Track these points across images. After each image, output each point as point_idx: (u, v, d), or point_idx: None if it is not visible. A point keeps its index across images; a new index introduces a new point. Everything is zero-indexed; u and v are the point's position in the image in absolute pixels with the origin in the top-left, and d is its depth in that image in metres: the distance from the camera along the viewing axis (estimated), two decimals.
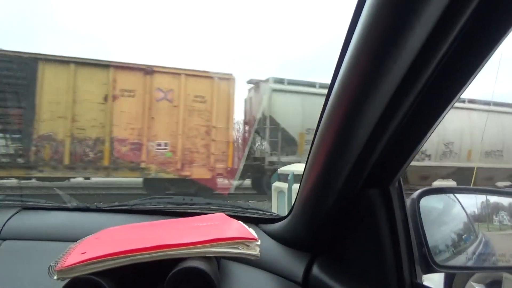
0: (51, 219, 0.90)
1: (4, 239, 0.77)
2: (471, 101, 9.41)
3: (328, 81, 0.52)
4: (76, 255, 0.56)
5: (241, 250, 0.59)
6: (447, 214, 0.77)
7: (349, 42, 0.43)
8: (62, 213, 0.95)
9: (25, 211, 0.91)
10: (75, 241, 0.67)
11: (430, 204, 0.67)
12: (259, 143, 9.42)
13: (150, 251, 0.55)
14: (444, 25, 0.35)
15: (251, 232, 0.65)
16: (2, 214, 0.86)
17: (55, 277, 0.53)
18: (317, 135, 0.57)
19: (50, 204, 0.99)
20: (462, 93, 0.42)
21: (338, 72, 0.47)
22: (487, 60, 0.38)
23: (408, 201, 0.61)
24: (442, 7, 0.33)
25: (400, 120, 0.46)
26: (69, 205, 1.00)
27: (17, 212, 0.88)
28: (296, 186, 3.44)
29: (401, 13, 0.35)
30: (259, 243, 0.61)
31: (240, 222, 0.73)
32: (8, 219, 0.84)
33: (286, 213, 0.78)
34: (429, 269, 0.58)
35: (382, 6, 0.36)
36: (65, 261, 0.55)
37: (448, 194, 0.77)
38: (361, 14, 0.39)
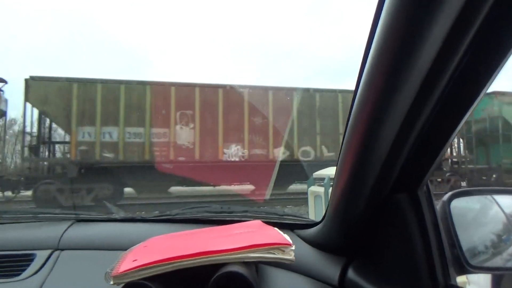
0: (102, 230, 0.96)
1: (62, 249, 0.84)
2: None
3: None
4: (128, 262, 0.62)
5: (276, 255, 0.62)
6: (484, 215, 0.75)
7: (371, 45, 0.43)
8: (111, 224, 1.01)
9: (78, 223, 0.98)
10: (125, 249, 0.73)
11: (464, 206, 0.67)
12: None
13: (194, 258, 0.60)
14: (462, 24, 0.35)
15: (286, 237, 0.68)
16: (58, 226, 0.93)
17: (111, 282, 0.59)
18: (344, 140, 0.58)
19: (100, 216, 1.07)
20: (487, 88, 0.42)
21: (362, 74, 0.47)
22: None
23: (438, 204, 0.62)
24: (458, 10, 0.34)
25: (423, 122, 0.46)
26: (117, 216, 1.08)
27: (72, 225, 0.95)
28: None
29: (419, 14, 0.36)
30: (293, 248, 0.64)
31: (275, 228, 0.76)
32: (65, 231, 0.90)
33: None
34: (463, 271, 0.59)
35: (401, 8, 0.37)
36: (119, 267, 0.61)
37: (485, 196, 0.76)
38: (380, 16, 0.40)
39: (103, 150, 7.53)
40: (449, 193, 0.65)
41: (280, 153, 8.47)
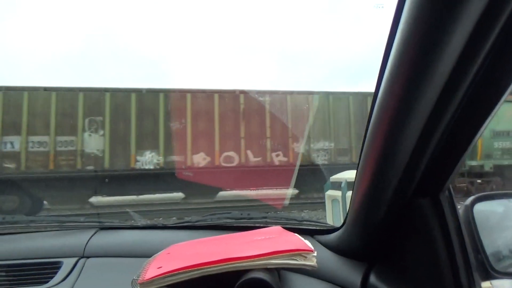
0: (125, 237, 0.98)
1: (88, 257, 0.86)
2: None
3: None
4: (154, 269, 0.63)
5: (299, 261, 0.63)
6: (508, 219, 0.73)
7: (391, 46, 0.42)
8: (134, 232, 1.03)
9: (102, 231, 1.00)
10: (148, 256, 0.74)
11: (487, 209, 0.65)
12: None
13: (218, 264, 0.61)
14: (483, 26, 0.34)
15: (308, 243, 0.68)
16: (83, 234, 0.95)
17: None
18: (364, 144, 0.57)
19: (123, 224, 1.08)
20: (509, 90, 0.40)
21: (382, 78, 0.46)
22: None
23: (461, 208, 0.60)
24: (479, 13, 0.33)
25: (445, 126, 0.45)
26: (139, 223, 1.09)
27: (96, 232, 0.97)
28: (349, 194, 3.33)
29: (440, 19, 0.35)
30: (315, 254, 0.65)
31: (296, 234, 0.77)
32: (89, 239, 0.92)
33: (342, 221, 0.80)
34: (488, 276, 0.58)
35: (421, 12, 0.36)
36: (145, 274, 0.62)
37: (509, 199, 0.73)
38: (400, 20, 0.39)
39: (4, 160, 7.20)
40: (472, 197, 0.63)
41: (200, 159, 8.00)
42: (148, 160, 7.76)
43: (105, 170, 7.51)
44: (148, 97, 7.92)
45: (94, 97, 7.66)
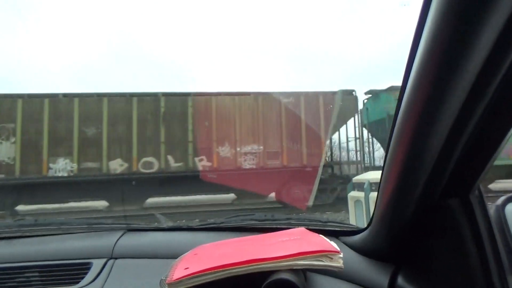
0: (152, 239, 1.00)
1: (116, 258, 0.87)
2: None
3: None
4: (181, 269, 0.65)
5: (325, 263, 0.63)
6: None
7: (419, 40, 0.42)
8: (160, 233, 1.05)
9: (130, 233, 1.02)
10: (174, 257, 0.75)
11: None
12: None
13: (244, 265, 0.62)
14: None
15: (334, 245, 0.68)
16: (111, 236, 0.98)
17: None
18: (391, 144, 0.56)
19: (149, 226, 1.11)
20: None
21: (409, 76, 0.46)
22: None
23: (492, 208, 0.58)
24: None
25: (475, 123, 0.44)
26: (165, 225, 1.11)
27: (123, 234, 0.99)
28: (373, 195, 3.29)
29: (471, 14, 0.34)
30: (342, 255, 0.64)
31: (321, 235, 0.76)
32: (117, 240, 0.94)
33: (365, 222, 0.78)
34: None
35: (451, 8, 0.35)
36: (173, 275, 0.64)
37: None
38: (429, 11, 0.38)
39: None
40: (503, 197, 0.62)
41: (116, 165, 7.75)
42: (62, 167, 7.56)
43: (16, 178, 7.35)
44: (63, 102, 7.72)
45: (5, 103, 7.51)
